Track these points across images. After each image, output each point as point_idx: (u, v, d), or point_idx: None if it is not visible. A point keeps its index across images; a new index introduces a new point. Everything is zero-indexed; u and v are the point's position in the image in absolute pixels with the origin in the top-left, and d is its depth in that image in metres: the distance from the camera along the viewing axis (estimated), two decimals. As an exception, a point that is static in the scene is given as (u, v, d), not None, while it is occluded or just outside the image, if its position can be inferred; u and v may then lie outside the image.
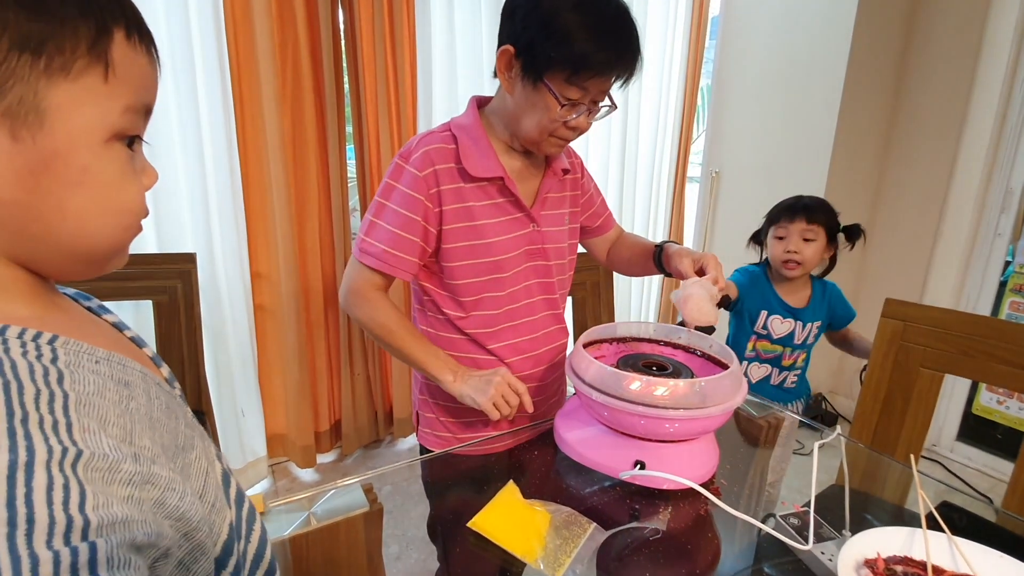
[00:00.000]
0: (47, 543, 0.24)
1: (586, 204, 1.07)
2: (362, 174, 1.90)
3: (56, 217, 0.33)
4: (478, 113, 0.90)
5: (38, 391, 0.28)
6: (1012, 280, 1.97)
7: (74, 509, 0.26)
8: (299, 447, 1.94)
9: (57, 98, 0.31)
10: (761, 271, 1.50)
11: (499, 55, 0.81)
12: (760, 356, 1.50)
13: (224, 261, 1.72)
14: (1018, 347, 1.03)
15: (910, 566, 0.60)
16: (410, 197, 0.85)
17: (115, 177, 0.34)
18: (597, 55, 0.76)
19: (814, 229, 1.38)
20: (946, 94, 2.03)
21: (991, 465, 2.09)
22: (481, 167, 0.86)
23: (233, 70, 1.60)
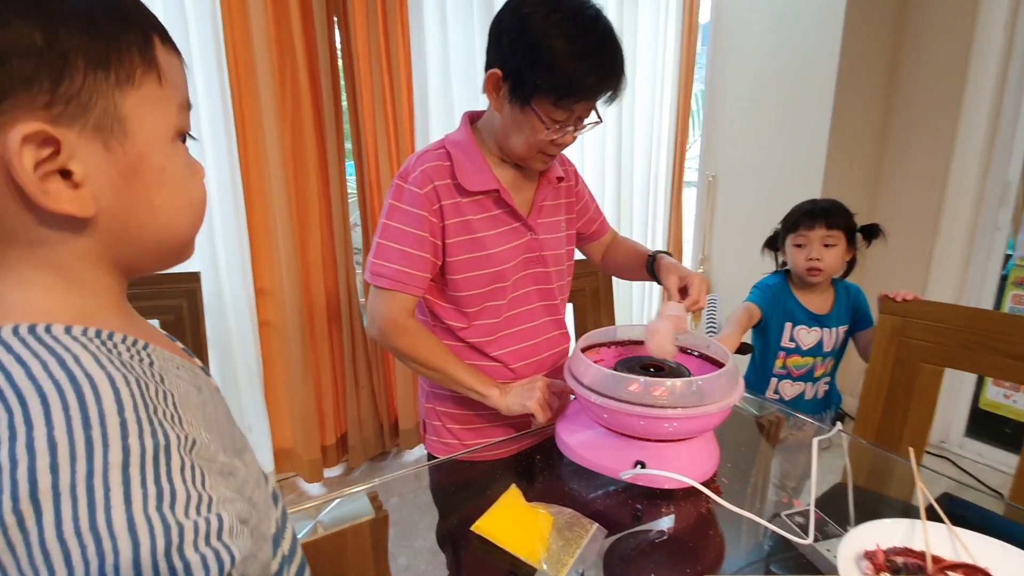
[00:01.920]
0: (185, 513, 0.30)
1: (581, 211, 1.09)
2: (362, 190, 1.93)
3: (148, 215, 0.36)
4: (470, 129, 0.93)
5: (156, 387, 0.33)
6: (1013, 273, 1.97)
7: (199, 486, 0.31)
8: (306, 461, 1.95)
9: (130, 107, 0.34)
10: (781, 281, 1.48)
11: (487, 78, 0.84)
12: (792, 374, 1.46)
13: (229, 278, 1.75)
14: (1018, 339, 1.03)
15: (910, 557, 0.61)
16: (415, 215, 0.87)
17: (184, 172, 0.38)
18: (583, 81, 0.79)
19: (835, 235, 1.37)
20: (939, 90, 2.04)
21: (1002, 460, 2.08)
22: (476, 181, 0.88)
23: (234, 91, 1.64)
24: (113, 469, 0.28)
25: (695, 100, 2.75)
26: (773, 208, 2.31)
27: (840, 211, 1.40)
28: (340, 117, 1.84)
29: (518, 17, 0.79)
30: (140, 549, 0.28)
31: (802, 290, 1.45)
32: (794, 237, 1.41)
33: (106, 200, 0.34)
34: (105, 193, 0.34)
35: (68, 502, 0.27)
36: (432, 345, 0.90)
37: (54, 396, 0.29)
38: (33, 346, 0.31)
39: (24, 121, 0.30)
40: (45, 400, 0.28)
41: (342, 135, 1.85)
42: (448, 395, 0.98)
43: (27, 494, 0.27)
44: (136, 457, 0.29)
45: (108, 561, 0.27)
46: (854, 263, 1.45)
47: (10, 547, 0.27)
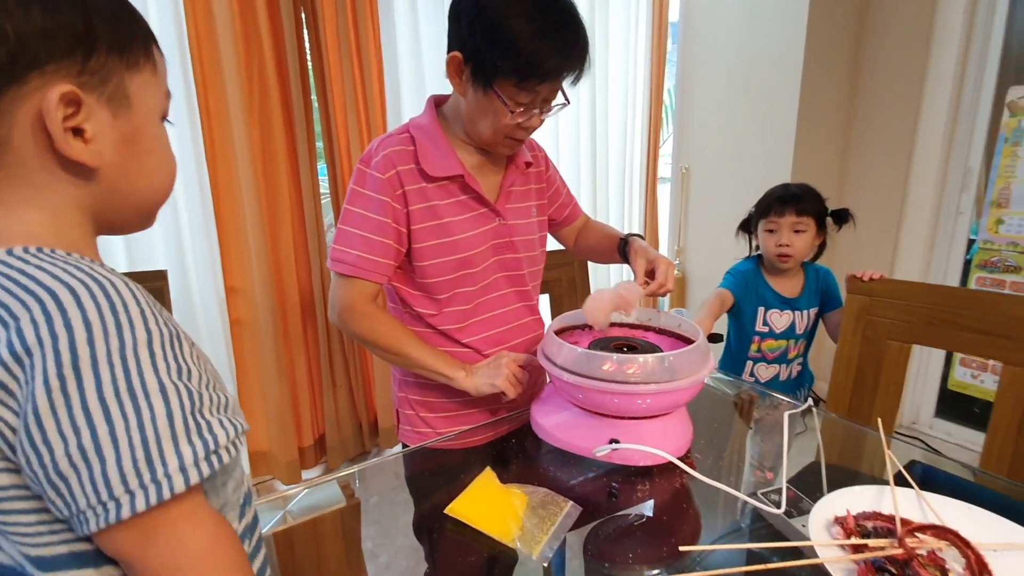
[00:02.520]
0: (199, 386, 0.38)
1: (553, 196, 1.08)
2: (335, 190, 1.90)
3: (138, 175, 0.43)
4: (435, 112, 0.91)
5: (151, 301, 0.38)
6: (977, 257, 2.03)
7: (205, 371, 0.40)
8: (283, 463, 1.91)
9: (134, 86, 0.42)
10: (753, 265, 1.51)
11: (448, 61, 0.82)
12: (767, 356, 1.49)
13: (197, 277, 1.70)
14: (980, 314, 1.06)
15: (879, 521, 0.61)
16: (376, 200, 0.85)
17: (168, 147, 0.46)
18: (544, 62, 0.77)
19: (804, 221, 1.39)
20: (901, 80, 2.09)
21: (971, 439, 2.13)
22: (440, 167, 0.87)
23: (198, 84, 1.60)
24: (141, 345, 0.35)
25: (667, 96, 2.78)
26: (745, 198, 2.35)
27: (811, 196, 1.42)
28: (310, 113, 1.81)
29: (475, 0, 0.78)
30: (171, 406, 0.35)
31: (773, 275, 1.48)
32: (765, 222, 1.44)
33: (109, 157, 0.41)
34: (109, 151, 0.41)
35: (107, 369, 0.33)
36: (394, 329, 0.88)
37: (81, 288, 0.35)
38: (48, 257, 0.37)
39: (62, 83, 0.38)
40: (74, 291, 0.34)
41: (312, 131, 1.82)
42: (420, 383, 0.96)
43: (69, 363, 0.33)
44: (157, 337, 0.36)
45: (145, 416, 0.34)
46: (824, 247, 1.48)
47: (52, 409, 0.32)
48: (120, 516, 0.34)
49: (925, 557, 0.55)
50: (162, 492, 0.34)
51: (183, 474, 0.35)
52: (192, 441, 0.36)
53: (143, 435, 0.34)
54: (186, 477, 0.35)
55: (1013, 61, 1.91)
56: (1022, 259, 1.91)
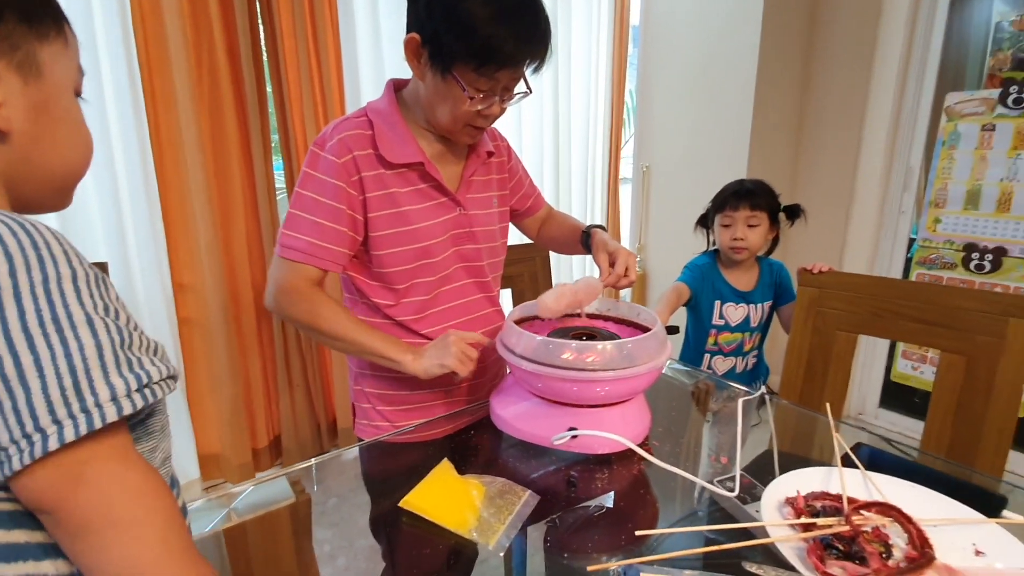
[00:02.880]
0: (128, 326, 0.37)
1: (515, 187, 1.07)
2: (291, 184, 1.84)
3: (49, 144, 0.43)
4: (394, 97, 0.87)
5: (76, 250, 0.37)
6: (917, 254, 2.13)
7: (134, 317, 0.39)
8: (235, 466, 1.84)
9: (45, 56, 0.42)
10: (710, 260, 1.54)
11: (406, 43, 0.79)
12: (723, 349, 1.52)
13: (141, 271, 1.62)
14: (922, 305, 1.11)
15: (827, 500, 0.63)
16: (332, 185, 0.81)
17: (80, 119, 0.46)
18: (503, 46, 0.74)
19: (758, 215, 1.43)
20: (848, 84, 2.19)
21: (911, 428, 2.24)
22: (398, 153, 0.84)
23: (142, 66, 1.52)
24: (65, 280, 0.34)
25: (628, 98, 2.82)
26: (703, 197, 2.39)
27: (764, 191, 1.46)
28: (264, 101, 1.74)
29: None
30: (99, 337, 0.34)
31: (729, 268, 1.52)
32: (721, 216, 1.48)
33: (19, 123, 0.41)
34: (19, 117, 0.41)
35: (29, 299, 0.32)
36: (335, 312, 0.83)
37: (1, 226, 0.33)
38: None
39: None
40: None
41: (267, 120, 1.76)
42: (377, 374, 0.93)
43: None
44: (82, 275, 0.35)
45: (72, 345, 0.33)
46: (777, 241, 1.52)
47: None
48: (47, 447, 0.31)
49: (870, 533, 0.57)
50: (92, 421, 0.33)
51: (115, 404, 0.34)
52: (123, 374, 0.35)
53: (71, 363, 0.32)
54: (118, 407, 0.34)
55: (951, 69, 2.01)
56: (957, 256, 2.02)
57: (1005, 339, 0.99)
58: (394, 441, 0.90)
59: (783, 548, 0.56)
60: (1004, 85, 1.85)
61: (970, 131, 1.93)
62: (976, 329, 1.03)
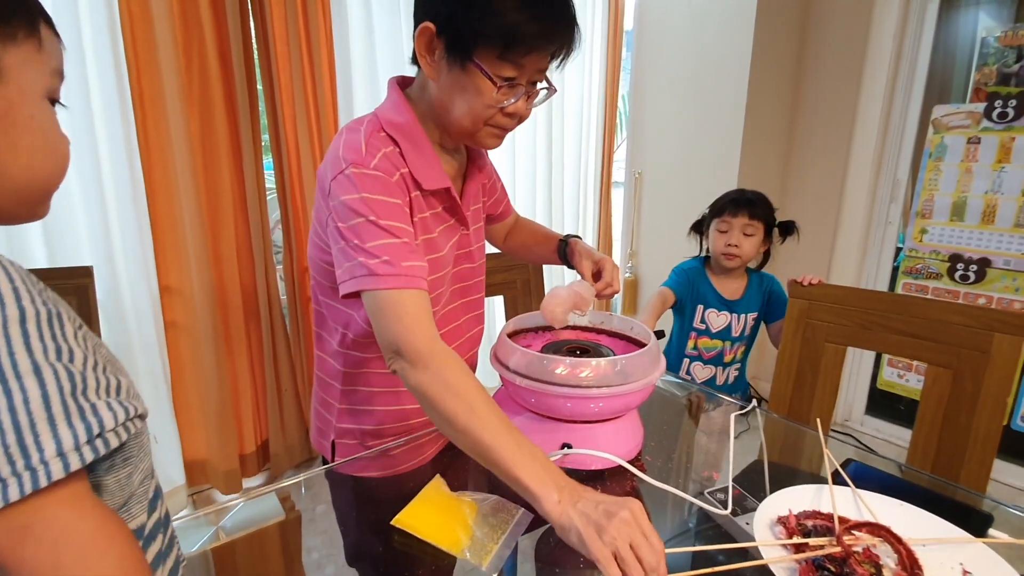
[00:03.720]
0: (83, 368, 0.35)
1: (490, 190, 1.00)
2: (281, 186, 1.82)
3: (10, 155, 0.40)
4: (411, 107, 0.77)
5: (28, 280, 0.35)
6: (904, 263, 2.16)
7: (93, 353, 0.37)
8: (222, 472, 1.81)
9: (10, 59, 0.39)
10: (699, 265, 1.55)
11: (418, 35, 0.70)
12: (703, 356, 1.53)
13: (128, 274, 1.59)
14: (908, 318, 1.12)
15: (819, 519, 0.63)
16: (395, 206, 0.70)
17: (52, 126, 0.43)
18: (530, 25, 0.66)
19: (755, 224, 1.44)
20: (838, 94, 2.21)
21: (897, 435, 2.27)
22: (431, 178, 0.76)
23: (131, 67, 1.49)
24: (12, 322, 0.31)
25: (621, 102, 2.83)
26: (695, 204, 2.40)
27: (764, 203, 1.48)
28: (255, 103, 1.72)
29: None
30: (47, 387, 0.32)
31: (718, 275, 1.53)
32: (718, 222, 1.48)
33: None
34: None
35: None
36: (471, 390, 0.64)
37: None
38: None
39: None
40: None
41: (258, 122, 1.74)
42: (372, 410, 0.87)
43: None
44: (32, 316, 0.33)
45: (17, 398, 0.31)
46: (768, 256, 1.54)
47: None
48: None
49: (861, 554, 0.57)
50: (38, 479, 0.31)
51: (62, 460, 0.32)
52: (72, 424, 0.33)
53: (14, 418, 0.31)
54: (65, 463, 0.32)
55: (938, 82, 2.05)
56: (943, 266, 2.05)
57: (989, 353, 1.01)
58: (386, 476, 0.84)
59: (776, 569, 0.56)
60: (989, 99, 1.88)
61: (956, 144, 1.96)
62: (961, 343, 1.04)
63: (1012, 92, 1.84)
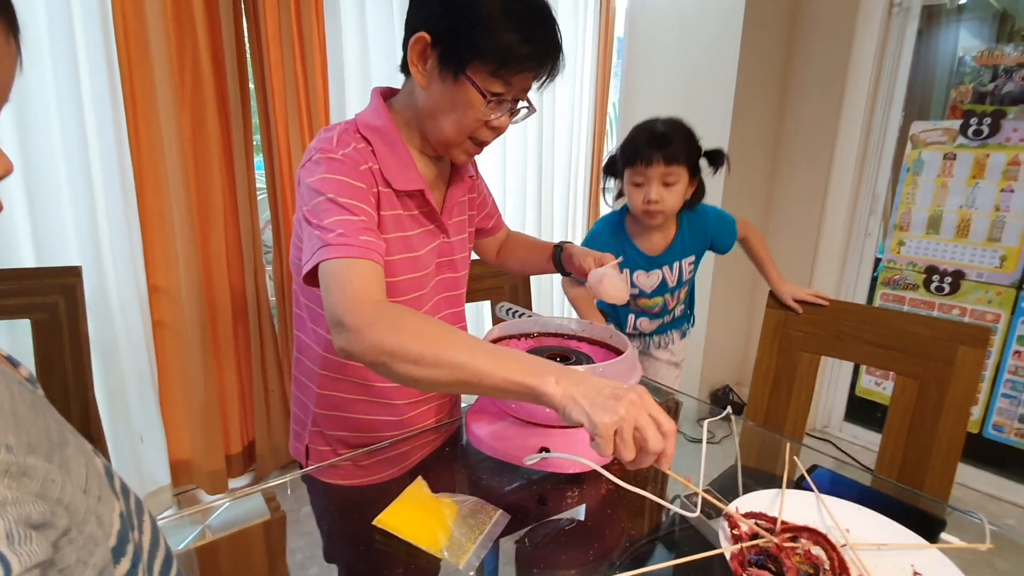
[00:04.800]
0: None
1: (481, 205, 1.03)
2: (272, 187, 1.83)
3: None
4: (389, 113, 0.81)
5: None
6: (882, 275, 2.22)
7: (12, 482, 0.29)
8: (207, 473, 1.82)
9: None
10: (615, 222, 1.35)
11: (412, 44, 0.73)
12: (647, 312, 1.41)
13: (115, 274, 1.59)
14: (880, 329, 1.16)
15: (764, 519, 0.66)
16: (358, 188, 0.72)
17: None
18: (524, 47, 0.71)
19: (674, 171, 1.21)
20: (821, 108, 2.27)
21: (873, 441, 2.32)
22: (403, 179, 0.78)
23: (123, 66, 1.50)
24: None
25: (612, 109, 2.87)
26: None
27: (681, 137, 1.23)
28: (247, 104, 1.74)
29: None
30: None
31: (639, 231, 1.34)
32: (631, 173, 1.25)
33: None
34: None
35: None
36: (430, 326, 0.62)
37: None
38: None
39: None
40: None
41: (249, 123, 1.75)
42: (344, 417, 0.89)
43: None
44: None
45: None
46: (701, 191, 1.32)
47: None
48: None
49: (801, 556, 0.60)
50: None
51: None
52: None
53: None
54: None
55: (917, 98, 2.10)
56: (919, 278, 2.11)
57: (954, 364, 1.05)
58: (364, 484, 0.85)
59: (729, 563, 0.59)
60: (965, 117, 1.94)
61: (933, 159, 2.02)
62: (929, 355, 1.09)
63: (987, 110, 1.90)
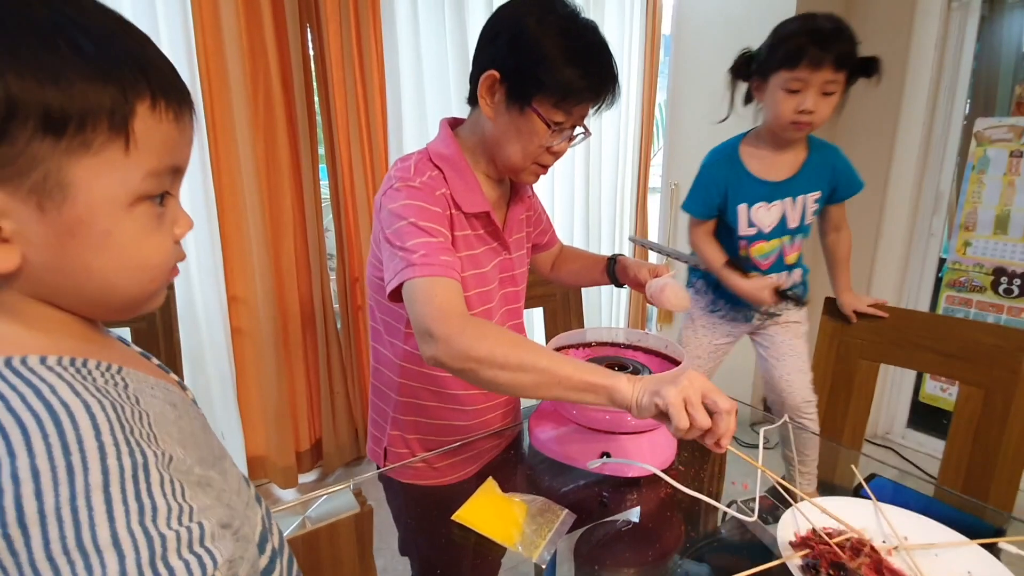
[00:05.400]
0: (167, 524, 0.32)
1: (536, 221, 1.09)
2: (335, 195, 1.96)
3: (83, 276, 0.36)
4: (456, 140, 0.88)
5: (132, 409, 0.34)
6: (947, 276, 2.14)
7: (179, 498, 0.33)
8: (280, 468, 1.96)
9: (79, 172, 0.33)
10: (731, 149, 1.19)
11: (482, 81, 0.81)
12: (759, 265, 1.22)
13: (201, 286, 1.75)
14: (942, 336, 1.15)
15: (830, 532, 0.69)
16: (436, 213, 0.80)
17: (136, 237, 0.36)
18: (584, 80, 0.78)
19: (839, 79, 1.05)
20: (878, 106, 2.20)
21: (939, 449, 2.23)
22: (471, 202, 0.86)
23: (205, 97, 1.65)
24: (95, 490, 0.30)
25: (658, 110, 2.87)
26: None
27: (848, 40, 1.05)
28: (313, 124, 1.87)
29: (516, 19, 0.79)
30: (126, 561, 0.30)
31: (763, 149, 1.16)
32: (788, 78, 1.06)
33: (36, 257, 0.34)
34: (36, 251, 0.34)
35: (54, 524, 0.29)
36: (509, 335, 0.71)
37: (33, 427, 0.30)
38: (10, 379, 0.32)
39: None
40: (25, 431, 0.30)
41: (315, 142, 1.88)
42: (420, 422, 0.95)
43: (15, 520, 0.28)
44: (116, 477, 0.31)
45: (96, 573, 0.29)
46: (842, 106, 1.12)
47: (3, 569, 0.28)
48: None
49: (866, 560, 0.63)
50: None
51: None
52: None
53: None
54: None
55: (982, 94, 2.02)
56: (987, 279, 2.02)
57: (1019, 373, 1.03)
58: (435, 484, 0.93)
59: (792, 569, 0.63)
60: (1034, 111, 1.86)
61: (999, 157, 1.94)
62: (993, 362, 1.07)
63: (1060, 104, 1.81)
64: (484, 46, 0.83)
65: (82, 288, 0.36)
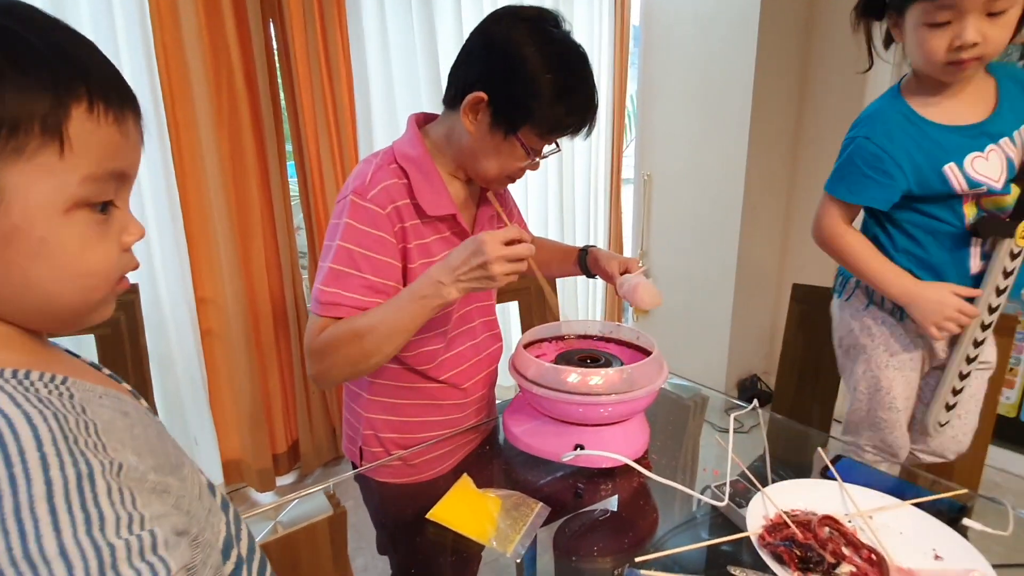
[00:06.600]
0: (116, 534, 0.31)
1: (508, 216, 1.06)
2: (304, 192, 1.93)
3: (20, 285, 0.35)
4: (424, 143, 0.88)
5: (76, 419, 0.34)
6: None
7: (129, 507, 0.33)
8: (256, 471, 1.93)
9: (13, 178, 0.32)
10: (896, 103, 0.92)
11: (469, 99, 0.80)
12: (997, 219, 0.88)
13: (167, 288, 1.71)
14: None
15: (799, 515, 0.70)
16: (377, 238, 0.82)
17: (76, 245, 0.36)
18: (571, 117, 0.82)
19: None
20: (844, 96, 2.25)
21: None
22: (436, 205, 0.86)
23: (166, 96, 1.60)
24: (38, 501, 0.30)
25: (630, 101, 2.88)
26: (703, 204, 2.46)
27: None
28: (280, 121, 1.82)
29: (514, 45, 0.78)
30: (74, 571, 0.29)
31: (930, 96, 0.88)
32: (927, 9, 0.81)
33: None
34: None
35: (0, 536, 0.28)
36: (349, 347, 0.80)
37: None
38: None
39: None
40: None
41: (282, 139, 1.84)
42: (393, 420, 0.95)
43: None
44: (59, 488, 0.30)
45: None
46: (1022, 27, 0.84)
47: None
48: None
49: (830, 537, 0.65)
50: None
51: None
52: None
53: None
54: None
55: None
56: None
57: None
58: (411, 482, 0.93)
59: (762, 553, 0.64)
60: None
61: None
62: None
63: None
64: (474, 61, 0.83)
65: (21, 298, 0.36)
